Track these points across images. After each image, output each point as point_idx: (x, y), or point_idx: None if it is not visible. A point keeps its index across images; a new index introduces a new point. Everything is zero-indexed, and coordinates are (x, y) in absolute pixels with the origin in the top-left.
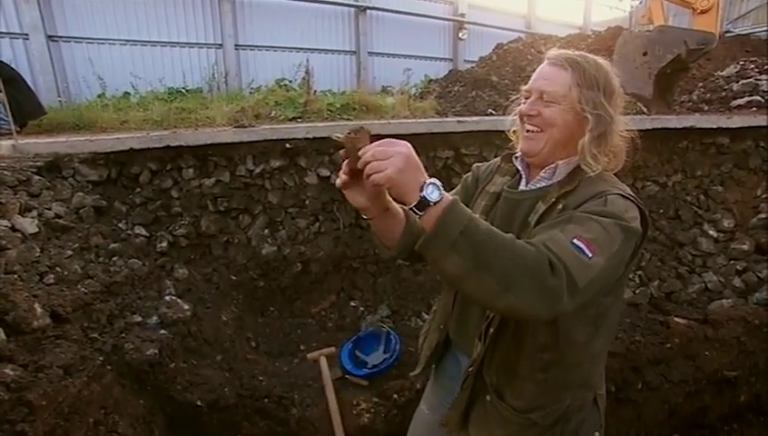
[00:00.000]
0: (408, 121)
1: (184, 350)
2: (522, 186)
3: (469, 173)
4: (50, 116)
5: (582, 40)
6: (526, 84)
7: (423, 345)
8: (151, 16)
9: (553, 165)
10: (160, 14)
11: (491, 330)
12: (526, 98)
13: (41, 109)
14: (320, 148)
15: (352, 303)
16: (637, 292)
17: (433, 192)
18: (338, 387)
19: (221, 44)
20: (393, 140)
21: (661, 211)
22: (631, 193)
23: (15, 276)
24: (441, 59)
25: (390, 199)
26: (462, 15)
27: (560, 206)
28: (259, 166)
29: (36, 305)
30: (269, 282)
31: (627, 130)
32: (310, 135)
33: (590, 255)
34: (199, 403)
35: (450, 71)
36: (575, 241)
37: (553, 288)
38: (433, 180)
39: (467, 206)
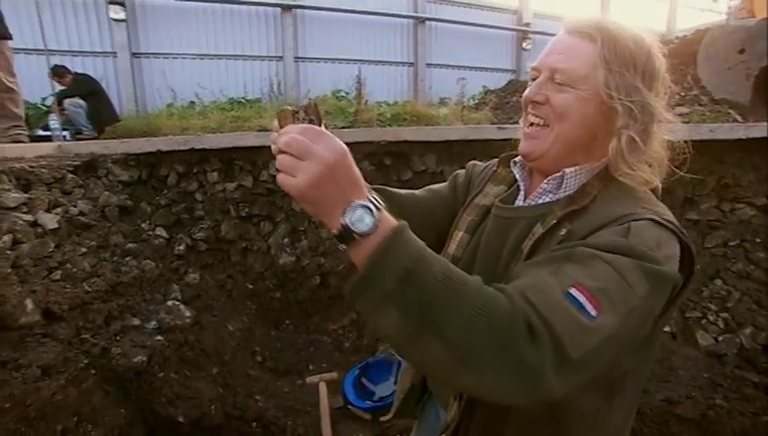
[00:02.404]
0: (441, 127)
1: (178, 359)
2: (519, 201)
3: (462, 171)
4: (124, 123)
5: (662, 45)
6: None
7: (399, 385)
8: (219, 32)
9: (558, 173)
10: (227, 30)
11: (464, 397)
12: (533, 79)
13: (116, 117)
14: None
15: None
16: (721, 339)
17: (362, 218)
18: (336, 418)
19: (281, 57)
20: (323, 132)
21: (757, 240)
22: (670, 216)
23: (21, 270)
24: (503, 70)
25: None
26: (527, 25)
27: (563, 231)
28: None
29: (28, 301)
30: (285, 293)
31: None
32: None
33: (593, 313)
34: (181, 420)
35: (510, 81)
36: (572, 291)
37: (530, 363)
38: (366, 200)
39: (452, 217)
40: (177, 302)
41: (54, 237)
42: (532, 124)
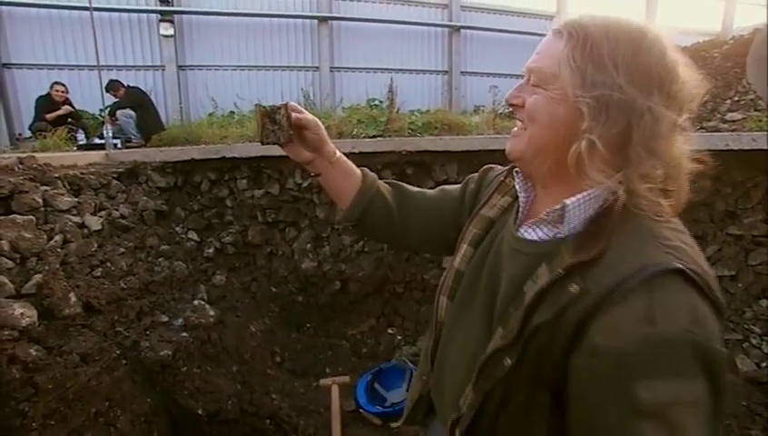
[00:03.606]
0: (461, 137)
1: (201, 355)
2: (522, 229)
3: (476, 175)
4: (168, 132)
5: (714, 47)
6: None
7: (409, 393)
8: (258, 44)
9: (558, 207)
10: (266, 42)
11: (456, 430)
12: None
13: (161, 126)
14: (366, 163)
15: (390, 330)
16: (764, 365)
17: None
18: (347, 421)
19: (317, 67)
20: None
21: None
22: (695, 253)
23: (68, 267)
24: None
25: (337, 152)
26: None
27: (575, 288)
28: (307, 180)
29: (72, 295)
30: (307, 297)
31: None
32: (356, 150)
33: None
34: (200, 412)
35: None
36: None
37: None
38: None
39: (458, 224)
40: (203, 302)
41: (98, 238)
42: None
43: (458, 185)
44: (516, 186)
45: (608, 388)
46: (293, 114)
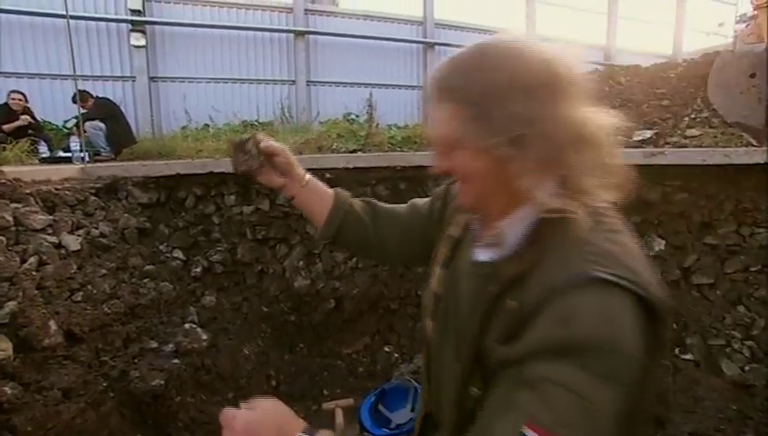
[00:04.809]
0: None
1: (195, 383)
2: (476, 250)
3: (439, 191)
4: (140, 145)
5: (670, 69)
6: None
7: (417, 413)
8: (233, 57)
9: (496, 231)
10: (241, 55)
11: None
12: None
13: (132, 139)
14: (360, 179)
15: (386, 349)
16: (747, 369)
17: None
18: None
19: (293, 81)
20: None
21: None
22: (626, 257)
23: (45, 291)
24: None
25: (307, 175)
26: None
27: (511, 305)
28: None
29: (52, 323)
30: (300, 317)
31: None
32: (350, 165)
33: None
34: None
35: None
36: (526, 431)
37: None
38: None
39: (429, 238)
40: (194, 325)
41: (77, 259)
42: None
43: (428, 200)
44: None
45: (508, 368)
46: (261, 143)
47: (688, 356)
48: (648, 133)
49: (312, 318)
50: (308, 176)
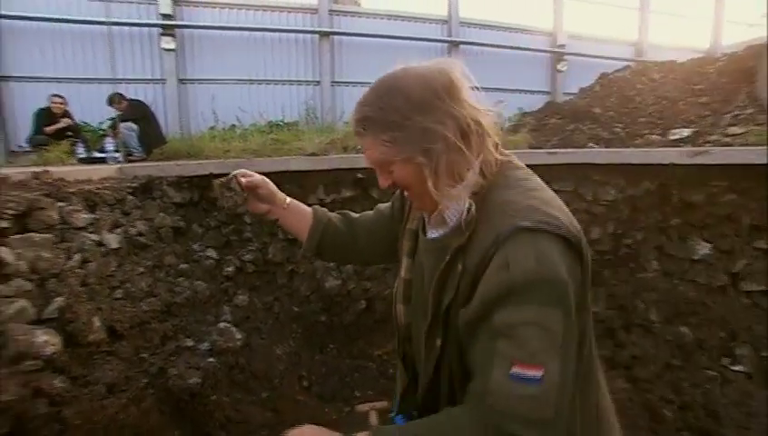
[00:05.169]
0: None
1: (230, 382)
2: (428, 231)
3: (397, 193)
4: (170, 145)
5: (709, 64)
6: (631, 115)
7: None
8: (259, 58)
9: (437, 214)
10: (267, 56)
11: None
12: None
13: (163, 139)
14: None
15: None
16: None
17: None
18: None
19: (318, 81)
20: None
21: None
22: (544, 206)
23: (89, 288)
24: (538, 92)
25: (287, 199)
26: (561, 47)
27: (459, 268)
28: (330, 195)
29: (96, 319)
30: (331, 317)
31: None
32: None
33: (538, 376)
34: None
35: (547, 103)
36: (514, 371)
37: None
38: None
39: (393, 235)
40: (228, 324)
41: (116, 257)
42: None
43: (388, 204)
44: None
45: (478, 326)
46: (243, 179)
47: (738, 367)
48: (686, 132)
49: (343, 318)
50: (288, 199)
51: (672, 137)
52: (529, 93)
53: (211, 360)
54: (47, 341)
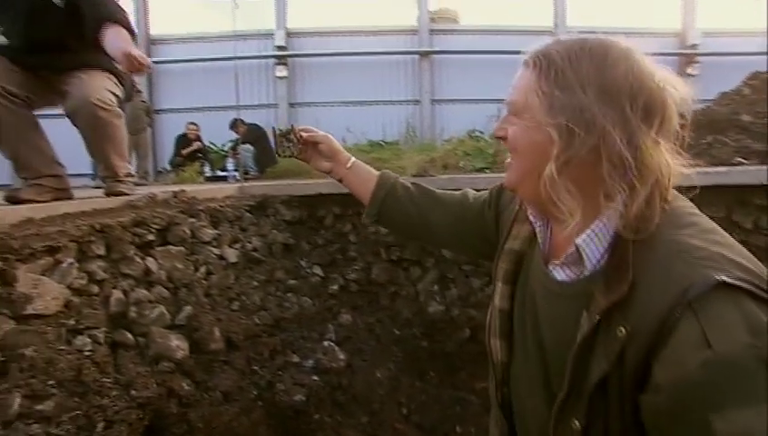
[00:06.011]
0: None
1: (332, 402)
2: (551, 267)
3: (485, 196)
4: (280, 165)
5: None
6: None
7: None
8: (362, 80)
9: (572, 249)
10: (368, 78)
11: None
12: None
13: (274, 159)
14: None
15: None
16: None
17: None
18: None
19: (418, 100)
20: None
21: None
22: (738, 257)
23: (211, 299)
24: None
25: (352, 158)
26: (693, 47)
27: (621, 332)
28: None
29: (216, 329)
30: (432, 343)
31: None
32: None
33: None
34: None
35: None
36: None
37: None
38: None
39: (484, 235)
40: (332, 343)
41: (234, 270)
42: None
43: (480, 196)
44: (531, 217)
45: (680, 423)
46: (304, 134)
47: None
48: None
49: (445, 346)
50: (353, 159)
51: None
52: None
53: (315, 378)
54: (179, 345)
